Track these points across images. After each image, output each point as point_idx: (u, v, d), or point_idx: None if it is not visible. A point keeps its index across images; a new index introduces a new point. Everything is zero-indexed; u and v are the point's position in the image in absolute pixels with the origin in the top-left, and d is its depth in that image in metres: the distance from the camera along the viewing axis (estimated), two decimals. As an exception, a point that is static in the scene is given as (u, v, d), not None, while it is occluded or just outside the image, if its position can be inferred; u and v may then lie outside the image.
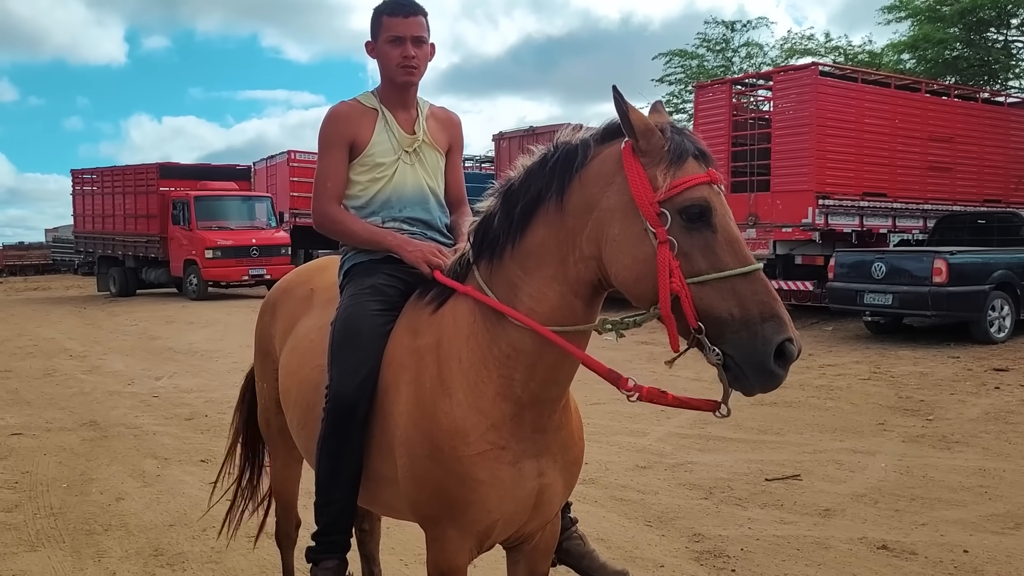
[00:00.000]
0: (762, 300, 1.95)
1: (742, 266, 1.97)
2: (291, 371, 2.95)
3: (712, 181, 2.05)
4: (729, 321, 1.94)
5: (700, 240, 1.99)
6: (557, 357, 2.23)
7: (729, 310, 1.94)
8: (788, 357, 1.94)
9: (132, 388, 9.56)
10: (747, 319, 1.93)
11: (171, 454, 6.59)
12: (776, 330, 1.92)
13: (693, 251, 1.99)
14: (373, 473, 2.55)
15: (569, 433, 2.44)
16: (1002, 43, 23.92)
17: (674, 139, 2.07)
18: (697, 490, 5.46)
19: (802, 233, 13.83)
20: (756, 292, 1.95)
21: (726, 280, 1.96)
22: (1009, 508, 5.01)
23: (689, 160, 2.05)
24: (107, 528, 4.93)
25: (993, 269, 11.58)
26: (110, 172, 26.84)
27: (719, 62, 31.36)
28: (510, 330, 2.25)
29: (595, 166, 2.15)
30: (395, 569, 4.20)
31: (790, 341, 1.93)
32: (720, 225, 2.01)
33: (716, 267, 1.97)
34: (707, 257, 1.98)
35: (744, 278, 1.96)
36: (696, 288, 1.97)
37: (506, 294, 2.27)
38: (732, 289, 1.95)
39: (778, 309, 1.95)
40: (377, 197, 2.85)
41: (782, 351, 1.93)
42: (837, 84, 14.48)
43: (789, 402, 8.18)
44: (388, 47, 2.81)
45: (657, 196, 2.02)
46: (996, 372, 9.45)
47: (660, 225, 2.00)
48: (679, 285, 1.97)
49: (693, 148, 2.07)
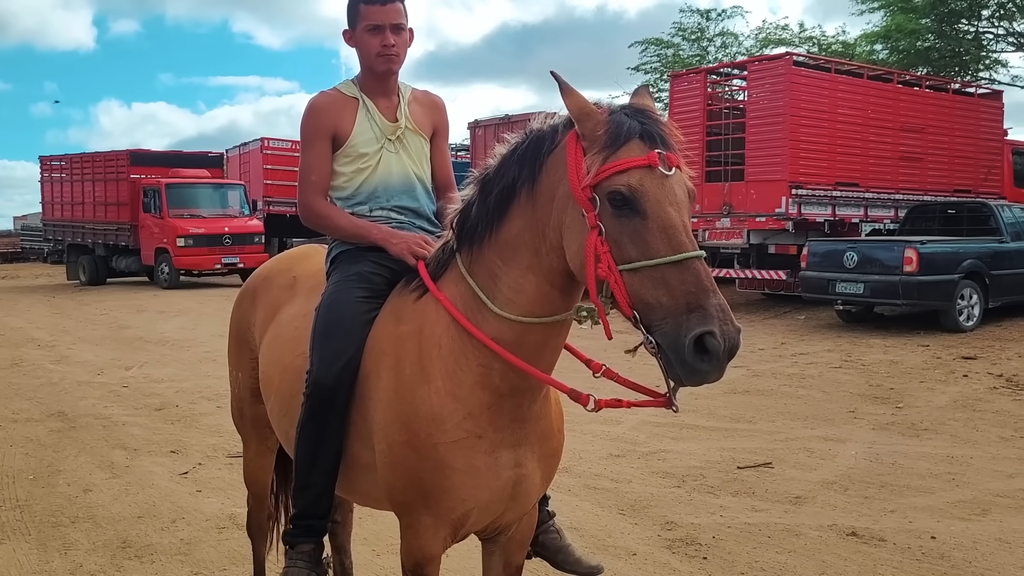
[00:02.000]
0: (689, 290, 1.87)
1: (674, 254, 1.89)
2: (273, 359, 2.92)
3: (651, 164, 1.96)
4: (657, 309, 1.89)
5: (629, 227, 1.94)
6: (536, 347, 2.22)
7: (658, 299, 1.89)
8: (711, 351, 1.83)
9: (101, 378, 9.44)
10: (673, 309, 1.87)
11: (140, 445, 6.51)
12: (699, 322, 1.83)
13: (622, 238, 1.94)
14: (351, 459, 2.54)
15: (548, 424, 2.43)
16: (973, 34, 24.14)
17: (614, 122, 2.02)
18: (670, 478, 5.48)
19: (775, 222, 13.90)
20: (684, 282, 1.87)
21: (656, 268, 1.89)
22: (976, 494, 5.08)
23: (630, 143, 1.99)
24: (74, 520, 4.86)
25: (962, 259, 11.71)
26: (79, 159, 26.42)
27: (694, 51, 31.37)
28: (491, 318, 2.24)
29: (558, 153, 2.13)
30: (367, 559, 4.18)
31: (711, 335, 1.82)
32: (652, 211, 1.93)
33: (646, 255, 1.91)
34: (637, 244, 1.92)
35: (674, 267, 1.89)
36: (628, 275, 1.92)
37: (487, 283, 2.26)
38: (662, 278, 1.89)
39: (704, 300, 1.85)
40: (363, 188, 2.82)
41: (703, 344, 1.84)
42: (811, 74, 14.54)
43: (761, 390, 8.24)
44: (367, 36, 2.77)
45: (584, 181, 2.00)
46: (964, 360, 9.57)
47: (591, 210, 1.98)
48: (606, 271, 1.95)
49: (639, 130, 2.00)
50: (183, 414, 7.55)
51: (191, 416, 7.49)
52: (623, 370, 2.27)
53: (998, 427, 6.66)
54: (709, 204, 14.63)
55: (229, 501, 5.12)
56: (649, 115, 2.08)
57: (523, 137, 2.26)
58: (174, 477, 5.68)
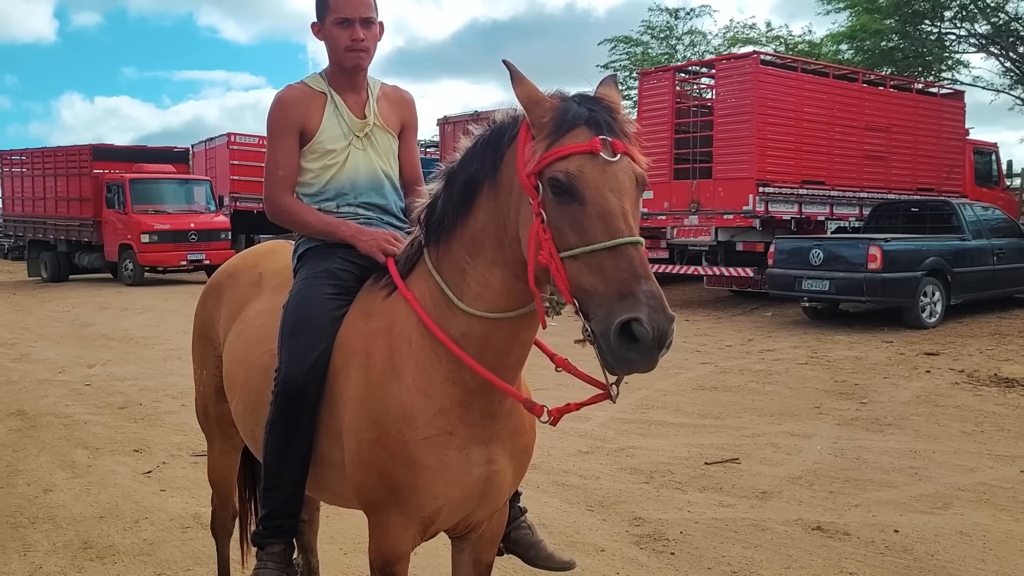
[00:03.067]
0: (622, 277, 1.83)
1: (609, 240, 1.87)
2: (238, 356, 2.88)
3: (593, 150, 1.94)
4: (594, 296, 1.87)
5: (569, 213, 1.92)
6: (505, 342, 2.21)
7: (594, 285, 1.86)
8: (640, 339, 1.78)
9: (63, 376, 9.27)
10: (606, 296, 1.84)
11: (103, 444, 6.41)
12: (627, 309, 1.80)
13: (563, 224, 1.93)
14: (320, 458, 2.52)
15: (519, 420, 2.42)
16: (936, 35, 24.51)
17: (561, 109, 2.01)
18: (638, 474, 5.50)
19: (743, 220, 14.02)
20: (618, 268, 1.84)
21: (593, 255, 1.87)
22: (938, 488, 5.15)
23: (575, 130, 1.97)
24: (34, 521, 4.76)
25: (925, 256, 11.90)
26: (40, 153, 25.92)
27: (663, 49, 31.55)
28: (459, 315, 2.23)
29: (516, 144, 2.12)
30: (334, 558, 4.14)
31: (638, 322, 1.78)
32: (591, 197, 1.91)
33: (585, 241, 1.89)
34: (576, 231, 1.91)
35: (610, 252, 1.86)
36: (569, 263, 1.90)
37: (455, 279, 2.25)
38: (598, 264, 1.86)
39: (635, 287, 1.81)
40: (330, 184, 2.80)
41: (631, 331, 1.79)
42: (777, 73, 14.67)
43: (729, 387, 8.31)
44: (336, 29, 2.74)
45: (527, 168, 2.00)
46: (927, 356, 9.72)
47: (535, 198, 1.98)
48: (547, 258, 1.94)
49: (586, 117, 1.99)
50: (146, 412, 7.44)
51: (155, 414, 7.38)
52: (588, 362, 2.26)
53: (959, 422, 6.77)
54: (678, 201, 14.72)
55: (193, 500, 5.05)
56: (600, 103, 2.05)
57: (485, 129, 2.26)
58: (137, 476, 5.59)
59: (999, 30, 23.16)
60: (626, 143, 2.00)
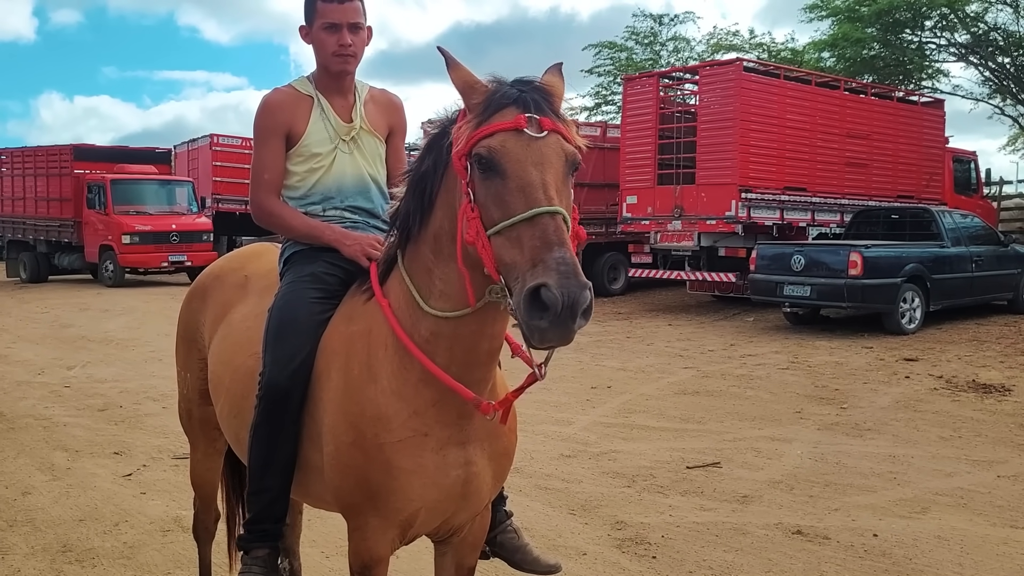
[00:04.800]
0: (535, 245, 1.80)
1: (527, 210, 1.85)
2: (224, 359, 2.87)
3: (518, 127, 1.93)
4: (513, 269, 1.85)
5: (493, 189, 1.92)
6: (473, 336, 2.21)
7: (513, 258, 1.84)
8: (548, 305, 1.73)
9: (42, 378, 9.19)
10: (523, 267, 1.81)
11: (83, 446, 6.36)
12: (537, 275, 1.76)
13: (487, 201, 1.93)
14: (304, 462, 2.52)
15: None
16: (916, 44, 24.75)
17: (492, 91, 2.02)
18: (620, 478, 5.52)
19: (725, 226, 14.09)
20: (532, 237, 1.82)
21: (513, 227, 1.86)
22: (916, 493, 5.21)
23: (503, 110, 1.97)
24: (12, 524, 4.72)
25: (905, 263, 12.00)
26: (20, 153, 25.65)
27: (647, 55, 31.71)
28: (426, 315, 2.23)
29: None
30: (316, 561, 4.13)
31: (546, 287, 1.73)
32: (512, 171, 1.90)
33: (506, 215, 1.88)
34: (499, 206, 1.90)
35: (527, 223, 1.84)
36: (494, 239, 1.89)
37: (423, 279, 2.25)
38: (518, 237, 1.84)
39: (546, 254, 1.77)
40: (316, 188, 2.81)
41: (540, 299, 1.75)
42: (760, 80, 14.78)
43: (711, 391, 8.35)
44: (323, 34, 2.75)
45: (456, 149, 2.02)
46: (907, 362, 9.81)
47: (464, 178, 1.99)
48: (473, 236, 1.93)
49: (515, 97, 1.98)
50: (127, 415, 7.39)
51: (135, 417, 7.33)
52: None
53: (938, 427, 6.83)
54: (661, 207, 14.80)
55: (174, 503, 5.02)
56: (532, 84, 2.05)
57: (437, 125, 2.28)
58: (117, 479, 5.56)
59: (979, 40, 23.42)
60: (556, 122, 1.99)
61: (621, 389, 8.42)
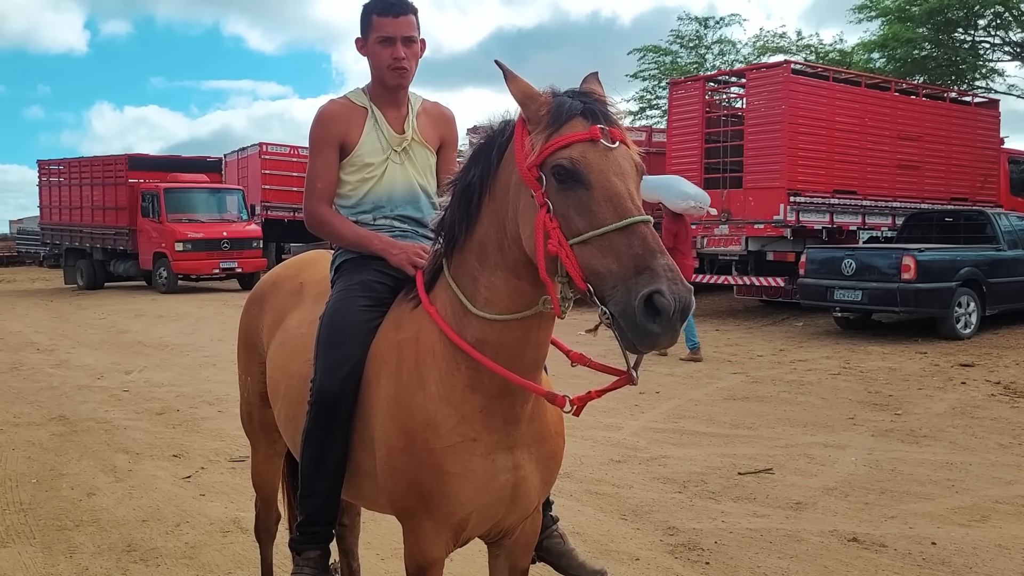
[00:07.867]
0: (636, 253, 1.85)
1: (620, 220, 1.89)
2: (280, 365, 2.95)
3: (593, 138, 1.98)
4: (608, 278, 1.88)
5: (575, 199, 1.95)
6: (518, 343, 2.24)
7: (608, 267, 1.88)
8: (662, 310, 1.80)
9: (102, 382, 9.44)
10: (623, 274, 1.85)
11: (143, 449, 6.52)
12: (647, 282, 1.82)
13: (569, 211, 1.95)
14: (356, 466, 2.57)
15: (544, 425, 2.44)
16: (969, 43, 24.29)
17: (556, 103, 2.06)
18: (671, 484, 5.51)
19: (774, 230, 13.97)
20: (631, 246, 1.86)
21: (604, 237, 1.89)
22: (975, 501, 5.11)
23: (572, 121, 2.02)
24: (78, 524, 4.87)
25: (960, 266, 11.77)
26: (77, 163, 26.40)
27: (692, 59, 31.57)
28: (474, 321, 2.27)
29: (513, 143, 2.16)
30: (371, 563, 4.20)
31: (660, 293, 1.79)
32: (596, 181, 1.94)
33: (594, 224, 1.91)
34: (584, 216, 1.93)
35: (621, 232, 1.89)
36: (579, 248, 1.92)
37: (469, 287, 2.29)
38: (611, 245, 1.89)
39: (652, 261, 1.84)
40: (368, 197, 2.87)
41: (653, 304, 1.81)
42: (808, 82, 14.63)
43: (761, 397, 8.28)
44: (378, 47, 2.82)
45: (529, 160, 2.04)
46: (962, 367, 9.61)
47: (538, 189, 2.01)
48: (556, 246, 1.95)
49: (581, 108, 2.03)
50: (184, 418, 7.56)
51: (192, 420, 7.50)
52: (602, 355, 2.28)
53: (996, 434, 6.69)
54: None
55: (233, 505, 5.14)
56: (591, 95, 2.10)
57: (482, 135, 2.31)
58: (177, 481, 5.70)
59: (1034, 38, 22.89)
60: (622, 132, 2.05)
61: (669, 394, 8.39)
